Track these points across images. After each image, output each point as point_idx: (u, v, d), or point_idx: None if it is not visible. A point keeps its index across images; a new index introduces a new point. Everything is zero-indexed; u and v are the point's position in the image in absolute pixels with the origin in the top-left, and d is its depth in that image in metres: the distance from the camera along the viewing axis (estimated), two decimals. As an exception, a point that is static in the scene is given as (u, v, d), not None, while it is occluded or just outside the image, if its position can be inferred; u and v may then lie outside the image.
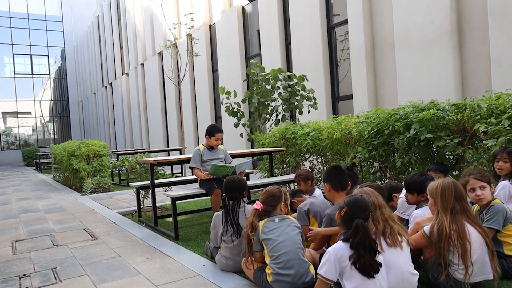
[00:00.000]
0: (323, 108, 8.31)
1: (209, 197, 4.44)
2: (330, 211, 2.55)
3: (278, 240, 2.31)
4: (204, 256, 3.24)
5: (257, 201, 2.52)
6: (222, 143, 4.38)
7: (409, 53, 6.50)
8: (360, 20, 7.31)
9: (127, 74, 21.72)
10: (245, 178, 3.33)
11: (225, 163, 4.40)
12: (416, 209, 2.70)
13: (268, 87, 7.34)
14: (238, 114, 7.55)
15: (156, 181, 4.73)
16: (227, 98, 7.50)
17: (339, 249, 2.02)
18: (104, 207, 6.02)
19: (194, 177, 4.94)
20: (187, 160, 4.40)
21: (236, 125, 7.59)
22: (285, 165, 6.07)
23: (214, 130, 4.23)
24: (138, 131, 20.35)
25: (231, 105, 7.58)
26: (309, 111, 7.48)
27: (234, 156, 4.81)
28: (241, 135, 7.82)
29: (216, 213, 2.93)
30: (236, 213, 2.78)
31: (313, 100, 7.38)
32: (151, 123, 18.84)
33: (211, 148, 4.28)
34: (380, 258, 2.02)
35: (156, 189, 6.16)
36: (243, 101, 7.61)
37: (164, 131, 17.74)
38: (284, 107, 7.42)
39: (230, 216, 2.78)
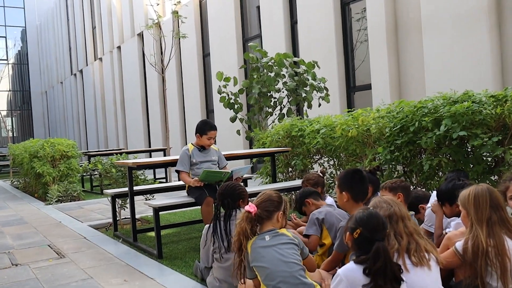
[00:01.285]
0: (336, 100, 8.33)
1: (199, 207, 4.44)
2: (344, 224, 2.56)
3: (272, 267, 2.26)
4: (193, 278, 3.23)
5: (250, 203, 2.46)
6: (215, 143, 4.41)
7: (439, 34, 6.48)
8: (380, -6, 7.57)
9: (100, 59, 21.62)
10: (242, 184, 3.33)
11: (218, 166, 4.40)
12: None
13: (271, 75, 7.34)
14: (236, 106, 7.54)
15: (135, 188, 4.71)
16: (225, 86, 7.48)
17: (352, 272, 1.98)
18: (73, 219, 6.02)
19: (181, 183, 4.90)
20: (173, 163, 4.37)
21: (233, 120, 7.57)
22: (290, 169, 6.06)
23: (206, 127, 4.20)
24: (114, 128, 20.25)
25: (228, 95, 7.57)
26: (319, 104, 7.50)
27: (229, 158, 4.80)
28: (238, 132, 7.88)
29: (207, 226, 2.92)
30: (228, 225, 2.77)
31: (324, 91, 7.38)
32: (130, 118, 18.67)
33: (202, 148, 4.27)
34: (403, 286, 1.98)
35: (136, 198, 6.18)
36: (241, 91, 7.57)
37: (145, 128, 17.47)
38: (290, 99, 7.42)
39: (220, 228, 2.77)
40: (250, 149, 6.74)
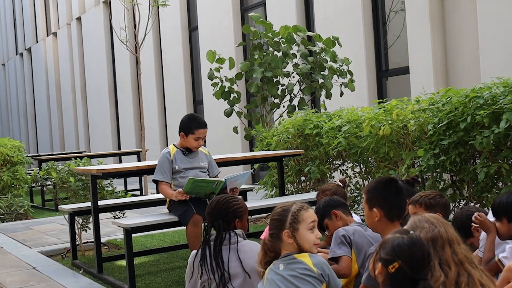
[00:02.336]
0: (363, 88, 8.29)
1: (183, 227, 4.42)
2: (374, 250, 2.55)
3: None
4: (176, 321, 3.43)
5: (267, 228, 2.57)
6: (204, 144, 4.45)
7: (499, 2, 6.55)
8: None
9: (54, 34, 21.64)
10: (241, 197, 3.33)
11: (209, 175, 4.41)
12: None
13: (278, 55, 7.29)
14: (232, 97, 7.49)
15: (100, 203, 4.75)
16: (218, 70, 7.47)
17: None
18: (18, 243, 6.02)
19: (160, 196, 4.90)
20: (150, 170, 4.40)
21: (228, 114, 7.54)
22: (303, 178, 6.05)
23: (193, 124, 4.25)
24: (73, 125, 20.23)
25: (221, 82, 7.52)
26: (341, 93, 7.49)
27: (224, 163, 4.80)
28: (235, 130, 7.83)
29: (193, 252, 2.92)
30: (220, 253, 2.76)
31: (347, 76, 7.33)
32: (93, 111, 18.59)
33: (187, 151, 4.31)
34: None
35: (102, 215, 6.12)
36: (238, 76, 7.53)
37: (114, 124, 17.30)
38: (302, 87, 7.38)
39: (211, 255, 2.76)
40: (251, 152, 6.80)
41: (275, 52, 7.29)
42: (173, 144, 4.43)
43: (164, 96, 14.43)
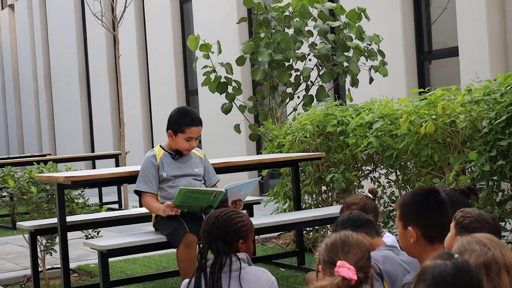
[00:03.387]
0: (399, 73, 8.30)
1: (173, 250, 4.47)
2: (411, 280, 2.36)
3: None
4: None
5: (343, 262, 2.37)
6: (199, 146, 4.49)
7: None
8: None
9: (11, 6, 21.81)
10: (245, 212, 3.32)
11: (205, 184, 4.45)
12: None
13: (289, 32, 7.27)
14: (229, 89, 7.51)
15: (69, 219, 4.75)
16: (206, 57, 7.42)
17: None
18: (-34, 269, 6.25)
19: (144, 210, 4.94)
20: (132, 177, 4.43)
21: (227, 110, 7.58)
22: (324, 188, 6.05)
23: (184, 121, 4.29)
24: (34, 122, 20.36)
25: (214, 71, 7.50)
26: (371, 80, 7.43)
27: (224, 170, 4.81)
28: (237, 128, 7.84)
29: (185, 281, 2.92)
30: (218, 281, 2.77)
31: (378, 58, 7.32)
32: (60, 104, 18.71)
33: (177, 154, 4.36)
34: None
35: (71, 235, 6.14)
36: (240, 61, 7.57)
37: (85, 120, 17.40)
38: (321, 72, 7.35)
39: (206, 285, 2.77)
40: (258, 155, 6.65)
41: (286, 30, 7.22)
42: (160, 146, 4.44)
43: (148, 84, 14.36)
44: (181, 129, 4.26)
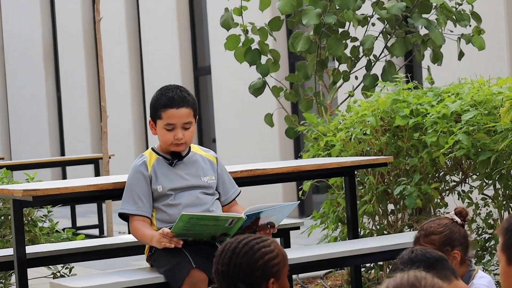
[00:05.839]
0: (500, 45, 8.50)
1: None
2: None
3: None
4: None
5: None
6: (212, 147, 4.42)
7: None
8: None
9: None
10: (276, 241, 3.27)
11: (220, 199, 4.44)
12: None
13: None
14: (265, 61, 7.40)
15: (30, 249, 4.83)
16: (239, 12, 7.40)
17: None
18: None
19: (132, 239, 4.87)
20: (118, 191, 4.47)
21: (258, 90, 7.50)
22: (391, 207, 6.00)
23: (159, 101, 4.40)
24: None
25: (245, 32, 7.48)
26: (461, 54, 7.39)
27: (248, 179, 4.81)
28: (269, 119, 7.85)
29: None
30: None
31: (472, 23, 7.20)
32: (15, 88, 19.45)
33: (176, 157, 4.38)
34: None
35: (32, 271, 6.13)
36: (274, 25, 7.53)
37: (52, 111, 18.06)
38: (390, 42, 7.33)
39: None
40: (297, 160, 6.66)
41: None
42: (152, 149, 4.43)
43: (141, 60, 14.47)
44: (157, 114, 4.35)
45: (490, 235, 5.28)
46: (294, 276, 6.02)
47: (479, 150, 4.98)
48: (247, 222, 4.03)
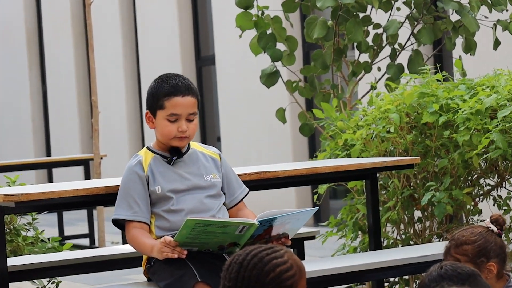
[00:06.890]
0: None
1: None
2: None
3: None
4: None
5: None
6: (217, 145, 4.51)
7: None
8: None
9: None
10: (290, 251, 3.35)
11: (226, 202, 4.47)
12: None
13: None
14: (279, 52, 7.53)
15: (12, 261, 4.89)
16: None
17: None
18: None
19: (129, 249, 4.98)
20: (111, 196, 4.51)
21: (271, 79, 7.63)
22: (418, 214, 6.03)
23: (161, 90, 4.45)
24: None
25: (262, 14, 7.52)
26: (496, 43, 7.47)
27: (257, 182, 4.83)
28: (281, 114, 7.94)
29: None
30: None
31: (509, 9, 7.20)
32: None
33: (174, 154, 4.43)
34: None
35: (16, 286, 6.25)
36: (288, 7, 7.58)
37: (37, 106, 18.08)
38: (417, 29, 7.38)
39: None
40: (312, 162, 6.67)
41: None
42: (147, 148, 4.41)
43: (137, 48, 14.58)
44: (159, 104, 4.34)
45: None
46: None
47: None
48: (260, 230, 3.96)
